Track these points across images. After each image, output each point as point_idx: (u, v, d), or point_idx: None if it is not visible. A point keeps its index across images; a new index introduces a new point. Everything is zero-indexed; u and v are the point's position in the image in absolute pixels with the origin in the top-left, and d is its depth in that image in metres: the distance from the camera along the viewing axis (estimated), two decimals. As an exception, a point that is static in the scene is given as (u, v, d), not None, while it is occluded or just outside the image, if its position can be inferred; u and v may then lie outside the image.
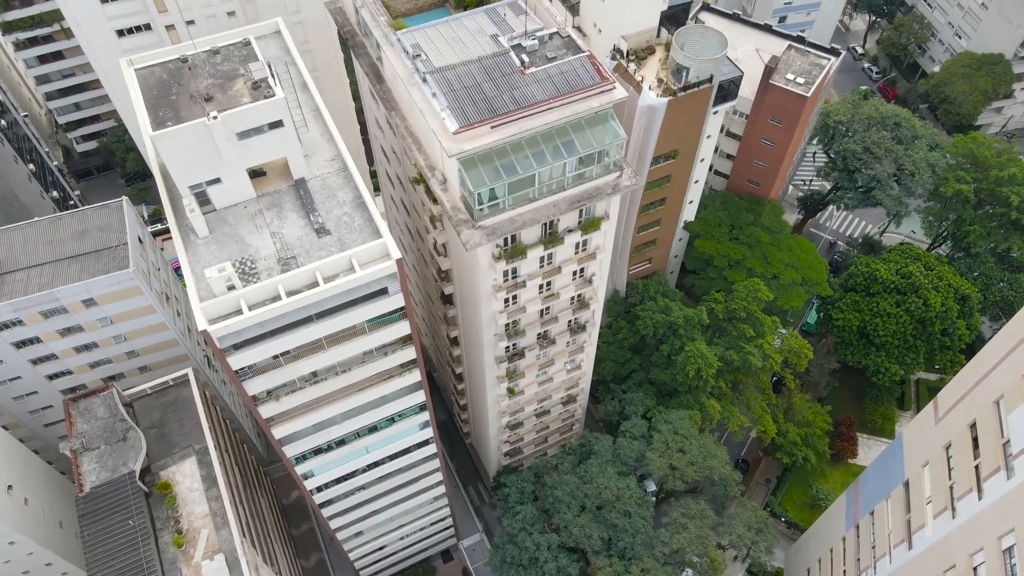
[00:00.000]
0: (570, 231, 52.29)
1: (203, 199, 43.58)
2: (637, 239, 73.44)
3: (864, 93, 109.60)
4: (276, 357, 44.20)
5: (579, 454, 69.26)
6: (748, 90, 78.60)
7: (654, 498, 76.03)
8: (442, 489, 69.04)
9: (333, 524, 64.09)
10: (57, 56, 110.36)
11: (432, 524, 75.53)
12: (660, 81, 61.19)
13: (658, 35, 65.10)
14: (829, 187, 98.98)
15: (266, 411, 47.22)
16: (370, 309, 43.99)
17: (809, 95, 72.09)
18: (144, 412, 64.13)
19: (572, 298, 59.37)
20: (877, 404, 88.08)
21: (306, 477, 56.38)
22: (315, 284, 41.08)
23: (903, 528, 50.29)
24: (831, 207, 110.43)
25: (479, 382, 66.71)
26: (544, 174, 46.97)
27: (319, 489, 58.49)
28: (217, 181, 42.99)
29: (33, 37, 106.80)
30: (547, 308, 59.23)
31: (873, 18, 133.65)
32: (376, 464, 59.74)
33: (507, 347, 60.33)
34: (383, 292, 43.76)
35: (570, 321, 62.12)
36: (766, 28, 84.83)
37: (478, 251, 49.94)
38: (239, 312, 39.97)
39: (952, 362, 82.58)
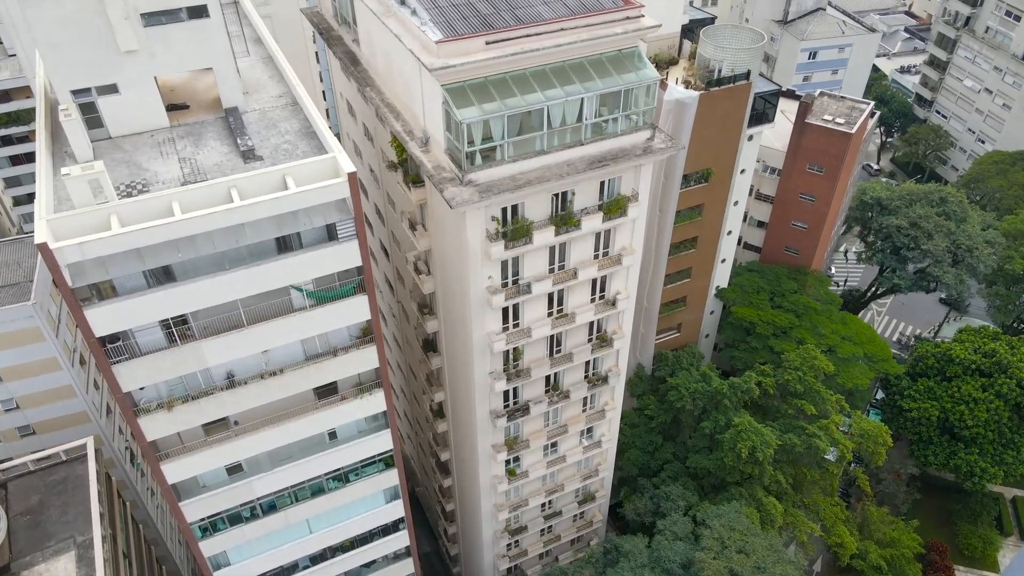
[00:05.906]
0: (588, 213, 40.05)
1: (92, 118, 31.97)
2: (666, 293, 60.68)
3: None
4: (168, 330, 30.22)
5: (603, 562, 51.39)
6: (779, 144, 70.08)
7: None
8: (417, 614, 50.55)
9: (261, 658, 45.30)
10: (31, 158, 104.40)
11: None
12: (687, 83, 52.06)
13: (679, 51, 57.28)
14: (872, 280, 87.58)
15: (150, 427, 32.04)
16: (311, 259, 30.66)
17: (853, 131, 62.91)
18: (20, 494, 47.77)
19: (591, 325, 45.72)
20: (973, 525, 70.08)
21: (217, 567, 39.30)
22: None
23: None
24: (872, 309, 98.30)
25: (470, 461, 50.87)
26: (555, 112, 35.75)
27: (238, 590, 41.07)
28: (113, 90, 31.46)
29: (7, 136, 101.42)
30: (558, 337, 45.36)
31: (885, 138, 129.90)
32: (323, 557, 42.69)
33: (506, 393, 45.66)
34: (331, 234, 30.78)
35: (588, 364, 47.88)
36: (789, 94, 77.94)
37: (468, 230, 37.43)
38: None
39: (1062, 462, 66.27)
